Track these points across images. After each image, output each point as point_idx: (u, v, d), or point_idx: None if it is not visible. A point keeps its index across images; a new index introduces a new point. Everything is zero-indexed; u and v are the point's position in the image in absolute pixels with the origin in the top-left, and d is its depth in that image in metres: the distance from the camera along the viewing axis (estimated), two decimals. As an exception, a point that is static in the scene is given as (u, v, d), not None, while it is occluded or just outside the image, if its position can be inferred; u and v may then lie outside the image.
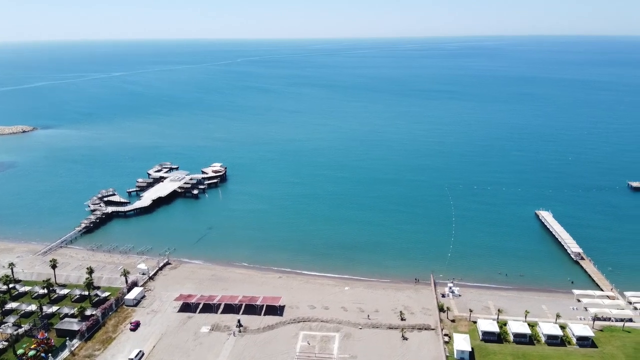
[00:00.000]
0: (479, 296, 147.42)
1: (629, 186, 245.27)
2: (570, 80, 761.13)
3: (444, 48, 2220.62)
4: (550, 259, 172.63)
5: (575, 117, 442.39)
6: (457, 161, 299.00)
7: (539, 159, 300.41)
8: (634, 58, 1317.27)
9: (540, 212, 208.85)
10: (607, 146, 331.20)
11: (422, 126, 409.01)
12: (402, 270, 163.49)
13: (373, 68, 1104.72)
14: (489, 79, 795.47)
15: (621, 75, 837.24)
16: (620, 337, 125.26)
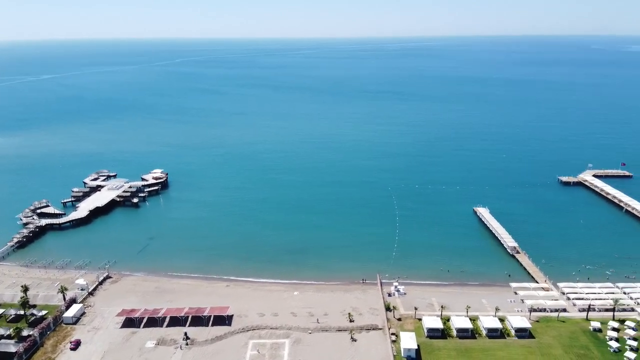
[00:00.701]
0: (423, 293, 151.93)
1: (559, 181, 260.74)
2: (509, 80, 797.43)
3: (389, 49, 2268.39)
4: (488, 253, 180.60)
5: (510, 115, 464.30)
6: (401, 161, 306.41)
7: (477, 158, 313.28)
8: (574, 58, 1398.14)
9: (478, 208, 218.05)
10: (539, 143, 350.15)
11: (369, 127, 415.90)
12: (350, 271, 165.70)
13: (321, 69, 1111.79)
14: (432, 79, 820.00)
15: (562, 74, 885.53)
16: (555, 327, 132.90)
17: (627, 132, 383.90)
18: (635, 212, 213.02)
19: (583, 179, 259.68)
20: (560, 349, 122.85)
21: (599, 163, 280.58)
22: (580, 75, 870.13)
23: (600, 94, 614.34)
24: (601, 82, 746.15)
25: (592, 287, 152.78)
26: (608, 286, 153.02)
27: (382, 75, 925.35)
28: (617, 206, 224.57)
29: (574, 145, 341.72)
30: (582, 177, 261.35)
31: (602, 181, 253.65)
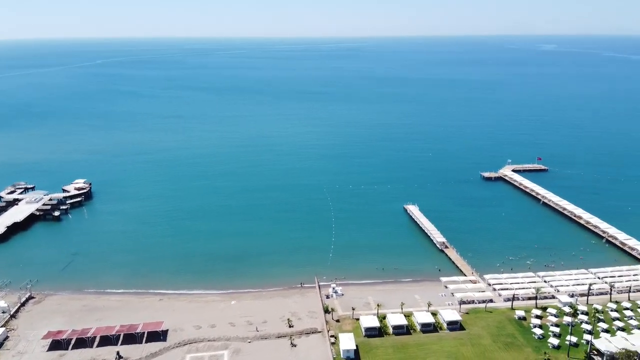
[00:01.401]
0: (360, 293, 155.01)
1: (482, 177, 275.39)
2: (433, 80, 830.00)
3: (318, 49, 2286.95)
4: (419, 250, 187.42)
5: (435, 115, 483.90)
6: (335, 163, 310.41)
7: (405, 157, 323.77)
8: (492, 57, 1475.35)
9: (408, 206, 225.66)
10: (462, 141, 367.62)
11: (303, 128, 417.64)
12: (287, 276, 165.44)
13: (255, 69, 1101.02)
14: (364, 80, 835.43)
15: (481, 73, 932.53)
16: (483, 318, 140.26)
17: (542, 129, 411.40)
18: (551, 204, 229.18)
19: (503, 174, 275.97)
20: (489, 339, 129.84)
21: (518, 158, 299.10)
22: (498, 74, 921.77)
23: (516, 92, 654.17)
24: (517, 81, 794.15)
25: (516, 277, 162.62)
26: (530, 276, 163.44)
27: (316, 76, 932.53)
28: (534, 199, 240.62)
29: (494, 142, 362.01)
30: (503, 172, 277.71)
31: (520, 175, 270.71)
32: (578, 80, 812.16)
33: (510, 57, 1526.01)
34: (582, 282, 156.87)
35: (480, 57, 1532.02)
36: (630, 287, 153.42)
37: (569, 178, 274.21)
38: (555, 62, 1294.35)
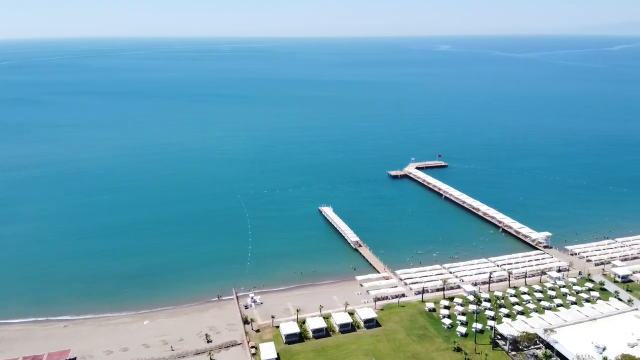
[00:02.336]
0: (279, 300, 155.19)
1: (389, 175, 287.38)
2: (337, 81, 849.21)
3: (220, 50, 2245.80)
4: (335, 250, 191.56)
5: (342, 116, 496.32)
6: (247, 168, 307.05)
7: (318, 159, 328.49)
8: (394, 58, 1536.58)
9: (323, 208, 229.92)
10: (369, 141, 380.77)
11: (208, 134, 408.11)
12: (204, 290, 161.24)
13: (154, 71, 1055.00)
14: (267, 82, 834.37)
15: (384, 74, 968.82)
16: (397, 313, 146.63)
17: (441, 127, 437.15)
18: (452, 198, 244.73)
19: (408, 171, 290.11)
20: (403, 333, 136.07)
21: (420, 156, 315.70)
22: (400, 75, 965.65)
23: (417, 93, 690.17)
24: (417, 81, 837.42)
25: (424, 270, 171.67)
26: (437, 268, 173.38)
27: (218, 77, 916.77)
28: (437, 194, 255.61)
29: (399, 141, 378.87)
30: (407, 170, 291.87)
31: (423, 172, 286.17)
32: (470, 78, 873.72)
33: (410, 58, 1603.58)
34: (484, 271, 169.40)
35: (383, 58, 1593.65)
36: (526, 272, 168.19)
37: (467, 172, 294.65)
38: (450, 62, 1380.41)
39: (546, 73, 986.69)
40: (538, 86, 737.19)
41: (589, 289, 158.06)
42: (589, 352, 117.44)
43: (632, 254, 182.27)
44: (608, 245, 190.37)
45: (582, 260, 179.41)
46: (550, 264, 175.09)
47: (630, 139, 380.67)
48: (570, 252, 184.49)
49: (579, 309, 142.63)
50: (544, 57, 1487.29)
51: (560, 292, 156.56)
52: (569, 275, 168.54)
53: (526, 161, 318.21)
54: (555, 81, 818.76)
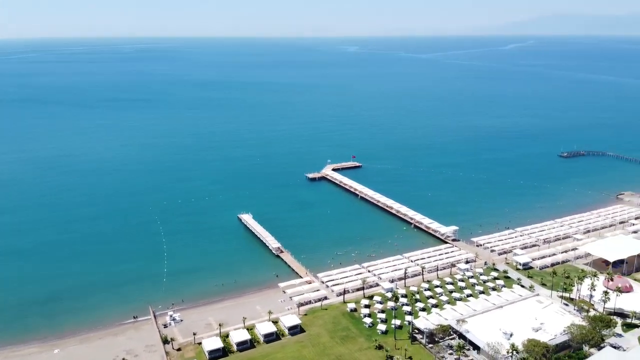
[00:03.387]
0: (200, 315, 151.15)
1: (307, 178, 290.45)
2: (247, 83, 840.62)
3: (120, 51, 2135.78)
4: (257, 258, 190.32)
5: (254, 119, 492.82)
6: (157, 178, 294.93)
7: (233, 165, 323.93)
8: (300, 60, 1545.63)
9: (242, 215, 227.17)
10: (286, 144, 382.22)
11: (114, 142, 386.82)
12: (118, 312, 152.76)
13: (41, 76, 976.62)
14: (174, 85, 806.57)
15: (291, 76, 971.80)
16: (320, 316, 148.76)
17: (354, 128, 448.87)
18: (367, 198, 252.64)
19: (325, 173, 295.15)
20: (327, 336, 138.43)
21: (336, 157, 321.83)
22: (311, 76, 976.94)
23: (329, 94, 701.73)
24: (328, 83, 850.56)
25: (345, 271, 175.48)
26: (356, 268, 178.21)
27: (121, 80, 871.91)
28: (353, 194, 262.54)
29: (315, 144, 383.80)
30: (324, 172, 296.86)
31: (339, 174, 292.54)
32: (377, 79, 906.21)
33: (322, 59, 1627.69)
34: (399, 267, 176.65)
35: (293, 59, 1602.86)
36: (437, 266, 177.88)
37: (380, 172, 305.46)
38: (359, 63, 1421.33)
39: (446, 73, 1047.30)
40: (440, 86, 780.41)
41: (495, 277, 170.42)
42: (497, 339, 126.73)
43: (530, 242, 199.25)
44: (509, 235, 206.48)
45: (487, 250, 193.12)
46: (458, 256, 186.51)
47: (521, 133, 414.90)
48: (476, 244, 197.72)
49: (487, 298, 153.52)
50: (443, 58, 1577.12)
51: (469, 283, 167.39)
52: (475, 266, 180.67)
53: (433, 159, 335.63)
54: (453, 81, 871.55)
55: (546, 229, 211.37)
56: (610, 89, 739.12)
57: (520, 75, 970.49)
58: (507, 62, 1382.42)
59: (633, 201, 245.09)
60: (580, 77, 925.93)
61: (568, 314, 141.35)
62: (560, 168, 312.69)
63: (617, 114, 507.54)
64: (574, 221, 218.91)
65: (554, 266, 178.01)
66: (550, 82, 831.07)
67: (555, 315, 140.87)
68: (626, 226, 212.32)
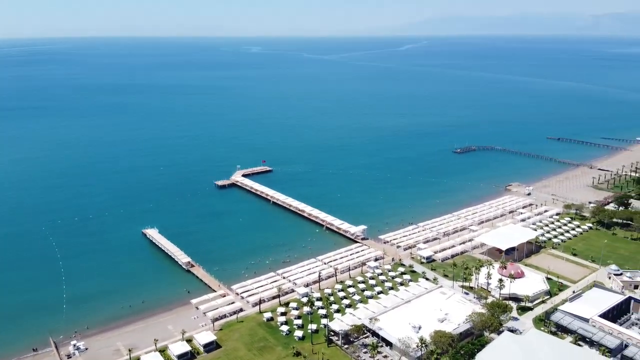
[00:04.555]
0: (108, 341, 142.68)
1: (216, 186, 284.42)
2: (146, 86, 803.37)
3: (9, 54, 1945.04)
4: (166, 275, 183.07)
5: (157, 125, 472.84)
6: (50, 195, 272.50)
7: (135, 176, 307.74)
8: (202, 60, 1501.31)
9: (147, 230, 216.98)
10: (192, 152, 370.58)
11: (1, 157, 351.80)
12: (15, 345, 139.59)
13: None
14: (68, 90, 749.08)
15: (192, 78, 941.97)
16: (236, 330, 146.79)
17: (262, 131, 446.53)
18: (279, 203, 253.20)
19: (235, 180, 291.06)
20: (244, 349, 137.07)
21: (246, 163, 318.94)
22: (214, 78, 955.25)
23: (235, 96, 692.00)
24: (233, 85, 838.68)
25: (260, 280, 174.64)
26: (271, 275, 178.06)
27: (7, 87, 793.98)
28: (265, 200, 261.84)
29: (223, 149, 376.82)
30: (234, 179, 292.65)
31: (250, 179, 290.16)
32: (283, 80, 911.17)
33: (225, 60, 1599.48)
34: (314, 270, 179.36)
35: (194, 59, 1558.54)
36: (349, 266, 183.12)
37: (291, 176, 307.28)
38: (262, 64, 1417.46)
39: (349, 74, 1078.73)
40: (344, 87, 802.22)
41: (402, 273, 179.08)
42: (407, 333, 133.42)
43: (432, 236, 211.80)
44: (412, 230, 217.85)
45: (394, 247, 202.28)
46: (368, 255, 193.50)
47: (420, 131, 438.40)
48: (384, 241, 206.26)
49: (396, 294, 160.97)
50: (346, 59, 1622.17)
51: (379, 280, 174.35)
52: (384, 262, 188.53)
53: (342, 160, 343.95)
54: (356, 82, 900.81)
55: (445, 222, 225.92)
56: (497, 86, 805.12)
57: (416, 75, 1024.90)
58: (404, 62, 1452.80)
59: (520, 191, 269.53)
60: (471, 75, 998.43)
61: (469, 303, 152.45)
62: (454, 163, 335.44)
63: (504, 110, 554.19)
64: (469, 213, 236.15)
65: (454, 257, 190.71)
66: (444, 81, 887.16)
67: (457, 304, 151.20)
68: (515, 215, 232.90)
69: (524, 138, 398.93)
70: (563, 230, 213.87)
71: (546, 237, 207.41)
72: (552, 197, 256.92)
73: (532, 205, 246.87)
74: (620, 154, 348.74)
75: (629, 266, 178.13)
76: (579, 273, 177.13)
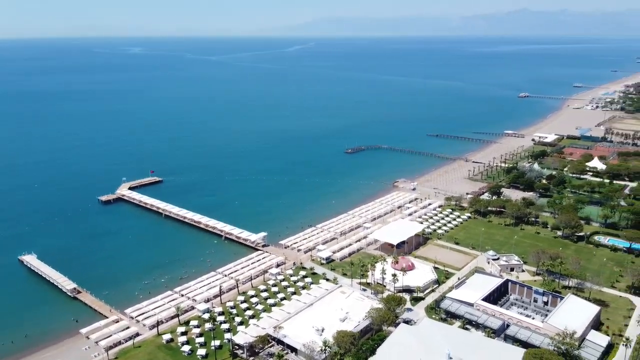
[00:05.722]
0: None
1: (100, 201, 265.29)
2: (16, 93, 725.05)
3: None
4: (49, 306, 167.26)
5: (25, 137, 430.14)
6: None
7: (7, 198, 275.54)
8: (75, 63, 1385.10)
9: (24, 257, 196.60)
10: (69, 166, 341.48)
11: None
12: None
13: None
14: None
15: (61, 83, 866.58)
16: (134, 356, 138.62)
17: (149, 139, 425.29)
18: (173, 215, 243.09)
19: (121, 194, 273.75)
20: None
21: (132, 174, 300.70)
22: (87, 83, 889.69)
23: (110, 102, 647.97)
24: (107, 89, 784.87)
25: (156, 300, 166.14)
26: (168, 294, 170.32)
27: None
28: (157, 213, 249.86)
29: (106, 161, 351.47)
30: (120, 193, 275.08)
31: (138, 192, 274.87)
32: (171, 83, 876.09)
33: (100, 62, 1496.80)
34: (214, 284, 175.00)
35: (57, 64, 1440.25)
36: (251, 275, 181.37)
37: (183, 185, 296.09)
38: (143, 66, 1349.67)
39: (238, 76, 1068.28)
40: (235, 90, 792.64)
41: (304, 276, 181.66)
42: (312, 337, 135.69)
43: (330, 236, 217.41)
44: (312, 232, 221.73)
45: (294, 251, 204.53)
46: (270, 262, 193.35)
47: (314, 133, 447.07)
48: (284, 246, 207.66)
49: (299, 298, 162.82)
50: (233, 60, 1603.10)
51: (281, 286, 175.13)
52: (285, 268, 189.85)
53: (237, 166, 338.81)
54: (247, 84, 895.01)
55: (342, 222, 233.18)
56: (381, 86, 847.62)
57: (307, 76, 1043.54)
58: (294, 63, 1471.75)
59: (406, 187, 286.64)
60: (357, 76, 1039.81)
61: (367, 299, 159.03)
62: (347, 163, 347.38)
63: (388, 109, 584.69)
64: (362, 211, 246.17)
65: (351, 256, 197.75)
66: (333, 82, 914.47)
67: (356, 302, 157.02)
68: (403, 210, 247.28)
69: (407, 136, 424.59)
70: (446, 222, 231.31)
71: (431, 228, 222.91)
72: (435, 191, 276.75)
73: (417, 199, 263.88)
74: (491, 147, 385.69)
75: (504, 250, 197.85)
76: (462, 260, 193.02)
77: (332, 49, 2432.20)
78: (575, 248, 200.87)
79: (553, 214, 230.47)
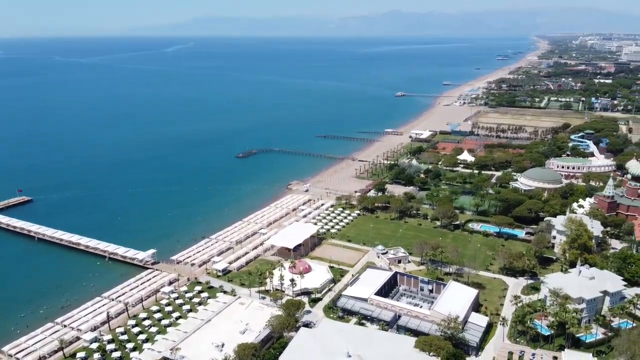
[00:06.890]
0: None
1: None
2: None
3: None
4: None
5: None
6: None
7: None
8: None
9: None
10: None
11: None
12: None
13: None
14: None
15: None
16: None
17: (12, 153, 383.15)
18: (47, 239, 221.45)
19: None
20: None
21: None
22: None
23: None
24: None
25: (36, 334, 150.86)
26: (49, 326, 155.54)
27: None
28: (28, 237, 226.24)
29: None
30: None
31: (3, 215, 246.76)
32: (44, 89, 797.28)
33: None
34: (100, 310, 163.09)
35: None
36: (141, 297, 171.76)
37: (57, 204, 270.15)
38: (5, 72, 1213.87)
39: (120, 79, 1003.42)
40: (116, 94, 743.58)
41: (199, 291, 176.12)
42: (212, 354, 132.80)
43: (225, 246, 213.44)
44: (205, 244, 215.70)
45: (188, 265, 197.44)
46: (161, 280, 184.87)
47: (202, 138, 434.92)
48: (176, 261, 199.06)
49: (195, 315, 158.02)
50: (110, 62, 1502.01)
51: (175, 305, 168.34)
52: (179, 284, 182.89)
53: (119, 178, 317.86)
54: (129, 87, 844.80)
55: (237, 230, 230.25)
56: (266, 87, 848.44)
57: (190, 78, 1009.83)
58: (175, 64, 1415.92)
59: (299, 189, 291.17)
60: (240, 77, 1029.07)
61: (267, 307, 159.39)
62: (238, 168, 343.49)
63: (276, 111, 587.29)
64: (258, 217, 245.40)
65: (249, 264, 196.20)
66: (218, 84, 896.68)
67: (256, 312, 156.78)
68: (297, 212, 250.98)
69: (297, 137, 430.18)
70: (338, 220, 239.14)
71: (325, 228, 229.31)
72: (326, 191, 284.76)
73: (311, 200, 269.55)
74: (374, 145, 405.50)
75: (392, 244, 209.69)
76: (355, 257, 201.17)
77: (213, 49, 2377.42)
78: (452, 236, 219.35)
79: (432, 206, 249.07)
